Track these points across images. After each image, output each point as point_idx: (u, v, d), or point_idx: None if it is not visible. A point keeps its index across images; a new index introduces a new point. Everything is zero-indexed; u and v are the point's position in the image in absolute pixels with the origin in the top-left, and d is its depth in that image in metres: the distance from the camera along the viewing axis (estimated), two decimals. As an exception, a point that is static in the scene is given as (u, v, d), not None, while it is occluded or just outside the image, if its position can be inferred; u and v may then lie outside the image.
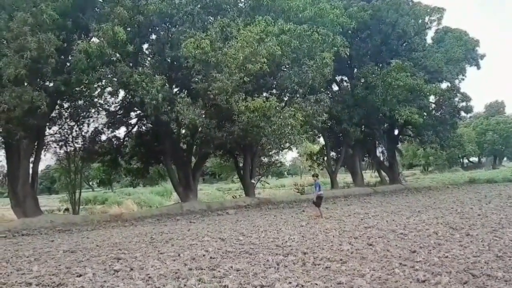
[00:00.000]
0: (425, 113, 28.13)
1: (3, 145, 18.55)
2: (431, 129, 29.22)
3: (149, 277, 7.11)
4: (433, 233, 10.07)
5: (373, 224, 12.13)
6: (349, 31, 25.35)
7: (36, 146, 19.09)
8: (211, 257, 8.55)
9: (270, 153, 28.54)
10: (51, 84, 17.25)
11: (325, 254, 8.22)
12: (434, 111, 30.57)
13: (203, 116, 18.15)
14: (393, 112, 25.11)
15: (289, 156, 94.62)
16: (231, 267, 7.50)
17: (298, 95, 20.09)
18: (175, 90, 20.94)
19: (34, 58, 14.84)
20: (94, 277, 7.40)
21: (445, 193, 23.61)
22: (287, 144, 22.74)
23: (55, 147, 21.67)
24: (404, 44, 29.41)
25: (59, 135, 21.32)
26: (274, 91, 21.55)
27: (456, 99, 29.61)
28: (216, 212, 19.13)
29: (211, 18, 19.50)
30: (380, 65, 28.02)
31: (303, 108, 18.62)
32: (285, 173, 79.14)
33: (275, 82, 19.59)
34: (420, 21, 28.49)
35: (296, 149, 36.28)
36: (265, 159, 29.85)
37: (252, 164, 24.63)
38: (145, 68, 17.72)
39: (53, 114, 19.98)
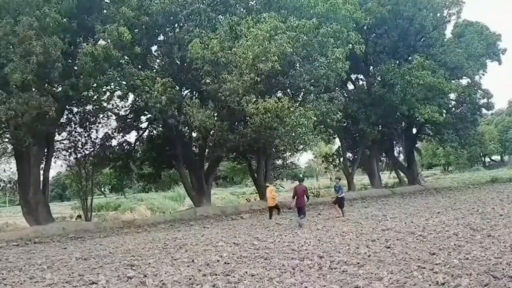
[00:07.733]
0: (444, 111, 27.36)
1: (14, 152, 18.49)
2: (451, 127, 28.42)
3: (163, 284, 7.10)
4: (453, 234, 9.93)
5: (391, 226, 12.02)
6: (365, 27, 24.75)
7: (46, 153, 18.90)
8: (225, 263, 8.59)
9: (284, 155, 28.11)
10: (59, 89, 17.04)
11: (342, 258, 8.17)
12: (454, 108, 29.79)
13: (215, 118, 17.88)
14: (412, 110, 24.43)
15: (304, 159, 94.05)
16: (246, 272, 7.50)
17: (312, 95, 19.67)
18: (186, 92, 20.71)
19: (41, 62, 14.56)
20: (107, 284, 7.43)
21: (466, 193, 23.15)
22: (301, 146, 22.36)
23: (64, 154, 21.47)
24: (422, 40, 28.68)
25: (68, 141, 21.11)
26: (288, 90, 21.09)
27: (477, 95, 28.61)
28: (230, 217, 19.05)
29: (220, 17, 19.21)
30: (397, 62, 27.37)
31: (317, 107, 18.19)
32: (300, 175, 78.43)
33: (288, 82, 19.27)
34: (438, 14, 27.79)
35: (311, 150, 35.95)
36: (279, 161, 29.43)
37: (266, 166, 24.29)
38: (147, 71, 17.45)
39: (62, 120, 19.81)
